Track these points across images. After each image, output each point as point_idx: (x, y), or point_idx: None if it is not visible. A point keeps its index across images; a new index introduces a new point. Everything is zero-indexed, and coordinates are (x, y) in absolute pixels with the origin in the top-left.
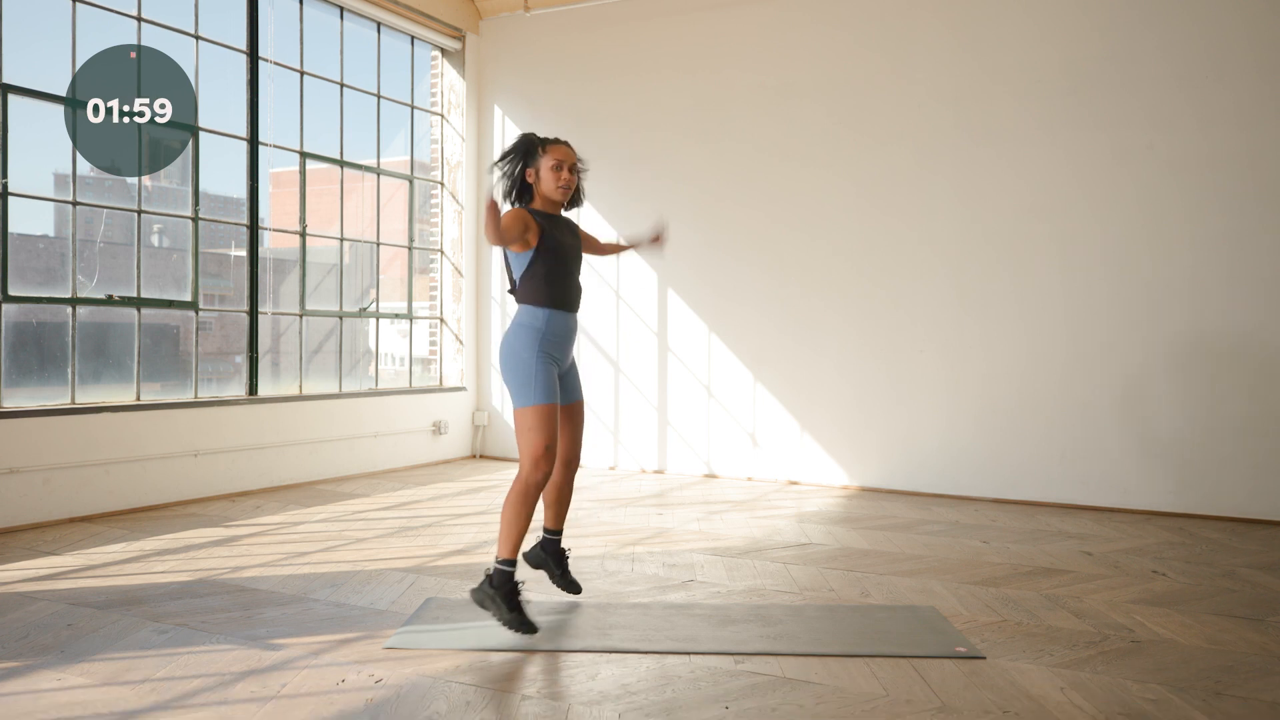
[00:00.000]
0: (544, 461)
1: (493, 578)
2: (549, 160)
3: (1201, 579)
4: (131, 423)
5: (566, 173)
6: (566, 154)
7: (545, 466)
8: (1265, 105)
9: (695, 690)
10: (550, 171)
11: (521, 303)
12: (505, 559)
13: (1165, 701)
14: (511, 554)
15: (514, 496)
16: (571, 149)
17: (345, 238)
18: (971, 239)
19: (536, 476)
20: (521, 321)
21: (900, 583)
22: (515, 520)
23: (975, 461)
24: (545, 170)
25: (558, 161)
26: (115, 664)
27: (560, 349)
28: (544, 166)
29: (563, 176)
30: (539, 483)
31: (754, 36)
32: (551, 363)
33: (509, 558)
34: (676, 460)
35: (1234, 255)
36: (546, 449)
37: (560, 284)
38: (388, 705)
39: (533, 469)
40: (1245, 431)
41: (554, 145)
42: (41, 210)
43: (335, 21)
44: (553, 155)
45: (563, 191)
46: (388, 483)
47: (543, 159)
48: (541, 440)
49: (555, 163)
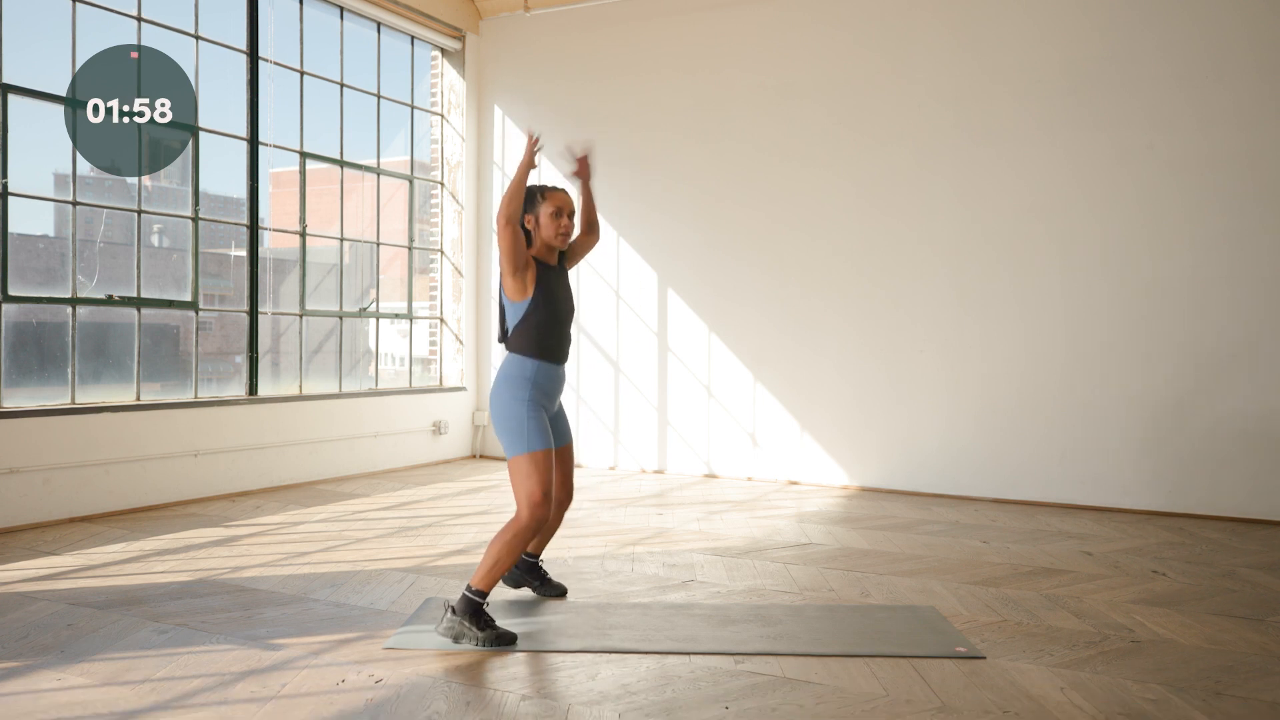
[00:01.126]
0: (541, 506)
1: (455, 606)
2: (548, 207)
3: (1201, 579)
4: (131, 423)
5: (565, 219)
6: (565, 201)
7: (542, 511)
8: (1265, 105)
9: (695, 690)
10: (549, 219)
11: (511, 352)
12: (479, 590)
13: (1165, 701)
14: (487, 587)
15: (508, 536)
16: (569, 196)
17: (345, 238)
18: (971, 239)
19: (532, 521)
20: (510, 373)
21: (900, 583)
22: (503, 559)
23: (975, 461)
24: (544, 217)
25: (556, 208)
26: (115, 664)
27: (548, 397)
28: (543, 214)
29: (562, 223)
30: (534, 527)
31: (754, 36)
32: (541, 410)
33: (483, 590)
34: (676, 460)
35: (1234, 255)
36: (544, 495)
37: (552, 337)
38: (388, 705)
39: (530, 514)
40: (1245, 431)
41: (552, 192)
42: (41, 210)
43: (335, 21)
44: (551, 202)
45: (561, 239)
46: (388, 483)
47: (542, 206)
48: (539, 487)
49: (554, 209)
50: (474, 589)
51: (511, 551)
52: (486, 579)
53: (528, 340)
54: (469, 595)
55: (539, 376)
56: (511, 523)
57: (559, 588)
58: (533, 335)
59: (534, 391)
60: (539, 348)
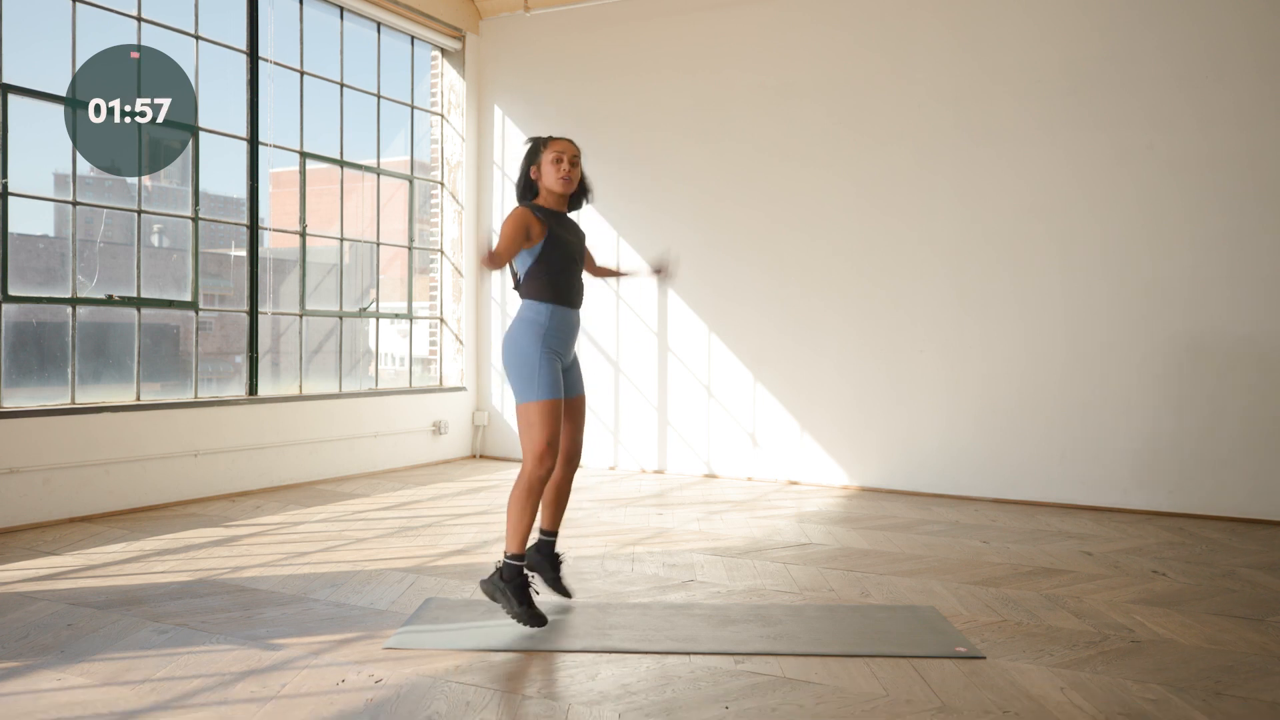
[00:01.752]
0: (547, 457)
1: (502, 571)
2: (549, 154)
3: (1201, 579)
4: (131, 423)
5: (567, 164)
6: (566, 146)
7: (548, 462)
8: (1265, 105)
9: (695, 690)
10: (551, 165)
11: (525, 298)
12: (513, 554)
13: (1165, 701)
14: (519, 549)
15: (518, 492)
16: (572, 143)
17: (345, 238)
18: (971, 239)
19: (540, 472)
20: (525, 316)
21: (900, 583)
22: (521, 515)
23: (975, 461)
24: (546, 164)
25: (557, 154)
26: (115, 664)
27: (563, 344)
28: (545, 161)
29: (563, 168)
30: (542, 478)
31: (754, 36)
32: (555, 357)
33: (517, 552)
34: (676, 460)
35: (1234, 255)
36: (549, 445)
37: (564, 280)
38: (388, 705)
39: (536, 464)
40: (1245, 431)
41: (554, 140)
42: (41, 210)
43: (335, 21)
44: (553, 149)
45: (564, 183)
46: (388, 483)
47: (544, 154)
48: (543, 436)
49: (555, 155)
50: (509, 555)
51: (525, 507)
52: (512, 541)
53: (540, 284)
54: (508, 560)
55: (554, 320)
56: (519, 478)
57: (566, 591)
58: (545, 280)
59: (549, 336)
60: (553, 292)
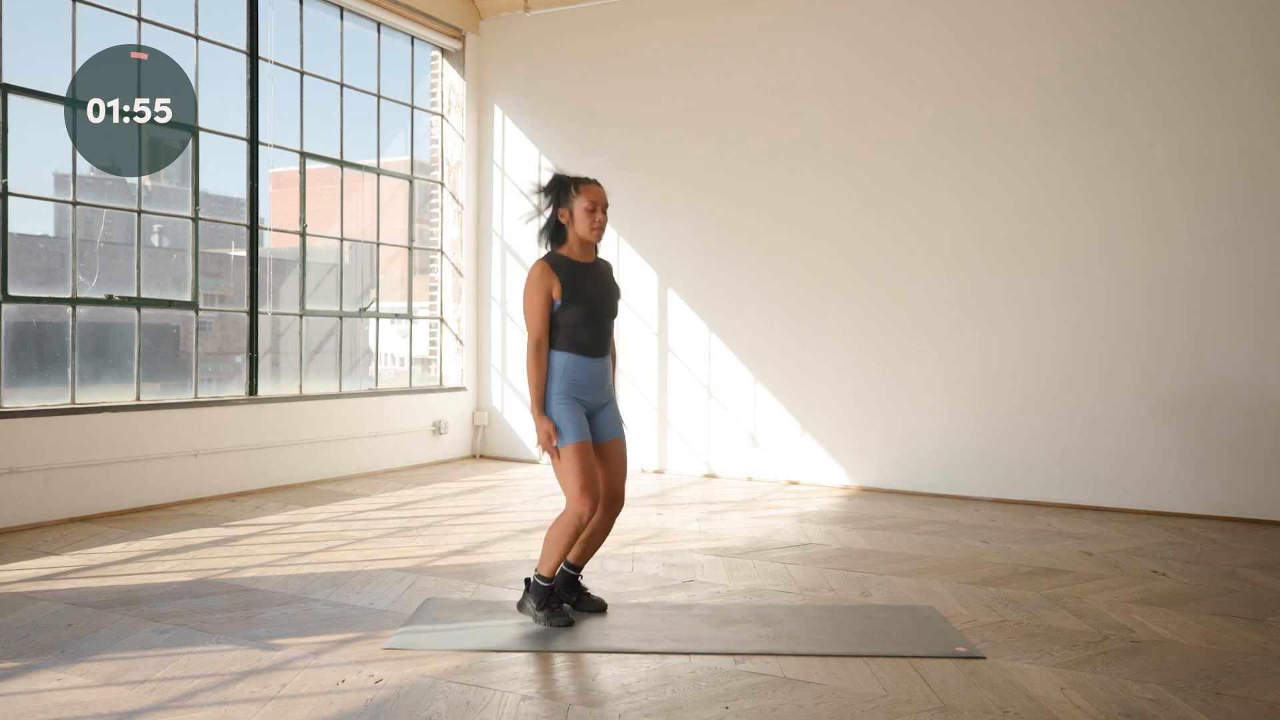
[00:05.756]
0: (586, 496)
1: (530, 585)
2: (583, 202)
3: (1201, 579)
4: (131, 423)
5: (600, 214)
6: (599, 195)
7: (589, 501)
8: (1265, 105)
9: (695, 690)
10: (584, 214)
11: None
12: (543, 575)
13: (1165, 701)
14: (550, 573)
15: (559, 526)
16: (603, 189)
17: (345, 238)
18: (971, 239)
19: (581, 509)
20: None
21: (900, 583)
22: (556, 545)
23: (975, 461)
24: (579, 212)
25: (591, 203)
26: (115, 664)
27: (585, 391)
28: (578, 208)
29: (597, 218)
30: (584, 515)
31: (754, 36)
32: (575, 404)
33: (547, 576)
34: (676, 460)
35: (1234, 255)
36: (583, 488)
37: (584, 333)
38: (388, 705)
39: (577, 504)
40: (1245, 431)
41: (586, 186)
42: (41, 210)
43: (335, 21)
44: (586, 197)
45: (597, 234)
46: (388, 483)
47: (576, 200)
48: (576, 481)
49: (589, 204)
50: (537, 574)
51: (563, 540)
52: (545, 564)
53: (558, 334)
54: (536, 580)
55: (569, 370)
56: (561, 515)
57: (598, 603)
58: (563, 330)
59: (566, 385)
60: (570, 342)
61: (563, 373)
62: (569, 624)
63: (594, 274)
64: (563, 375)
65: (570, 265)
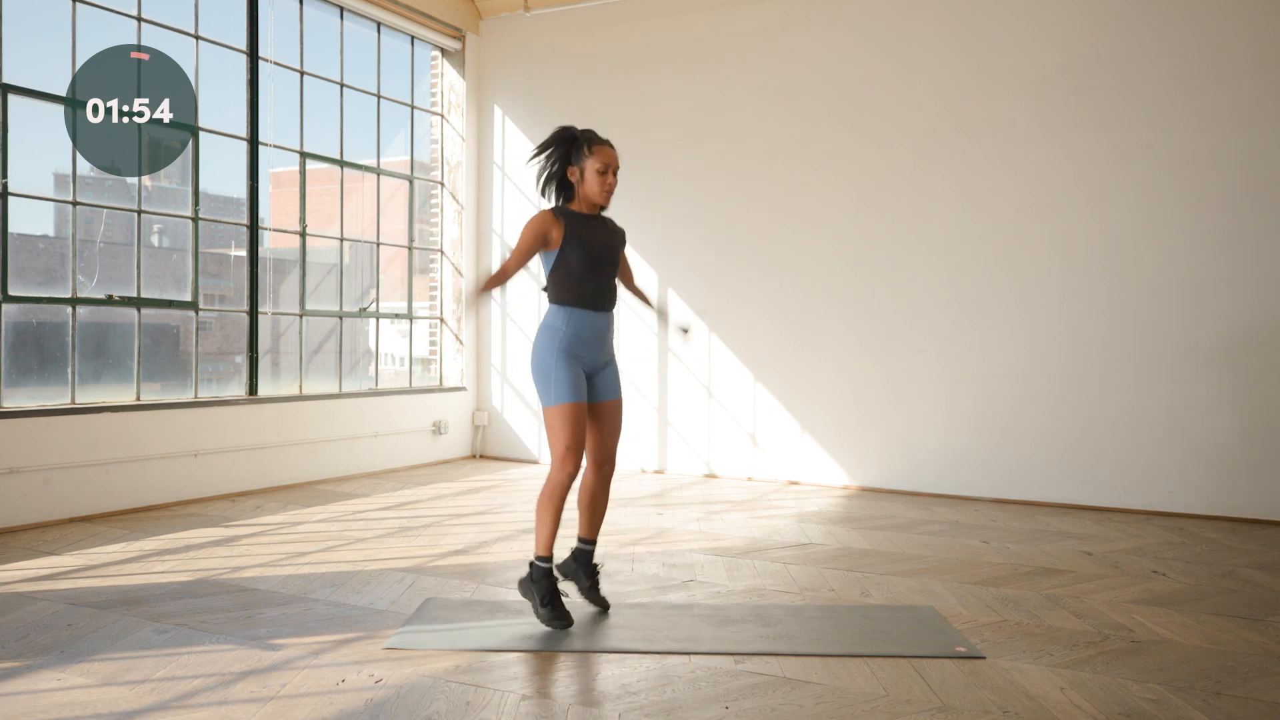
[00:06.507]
0: (568, 460)
1: (532, 571)
2: (595, 163)
3: (1201, 579)
4: (131, 423)
5: (611, 177)
6: (612, 157)
7: (570, 465)
8: (1265, 105)
9: (695, 690)
10: (596, 175)
11: (550, 302)
12: (539, 555)
13: (1165, 701)
14: (545, 550)
15: (543, 495)
16: (615, 151)
17: (345, 238)
18: (971, 239)
19: (561, 475)
20: (546, 322)
21: (900, 583)
22: (544, 518)
23: (975, 461)
24: (590, 173)
25: (604, 165)
26: (115, 664)
27: (587, 348)
28: (589, 168)
29: (608, 181)
30: (564, 481)
31: (754, 36)
32: (574, 361)
33: (544, 554)
34: (676, 460)
35: (1234, 255)
36: (569, 448)
37: (587, 283)
38: (388, 705)
39: (558, 467)
40: (1245, 431)
41: (600, 147)
42: (41, 210)
43: (335, 21)
44: (600, 158)
45: (606, 196)
46: (388, 483)
47: (588, 160)
48: (563, 439)
49: (602, 166)
50: (537, 556)
51: (548, 509)
52: (538, 542)
53: (562, 287)
54: (536, 562)
55: (574, 324)
56: (545, 482)
57: (602, 601)
58: (566, 282)
59: (568, 341)
60: (573, 295)
61: (566, 326)
62: (567, 625)
63: (598, 224)
64: (566, 329)
65: (577, 215)
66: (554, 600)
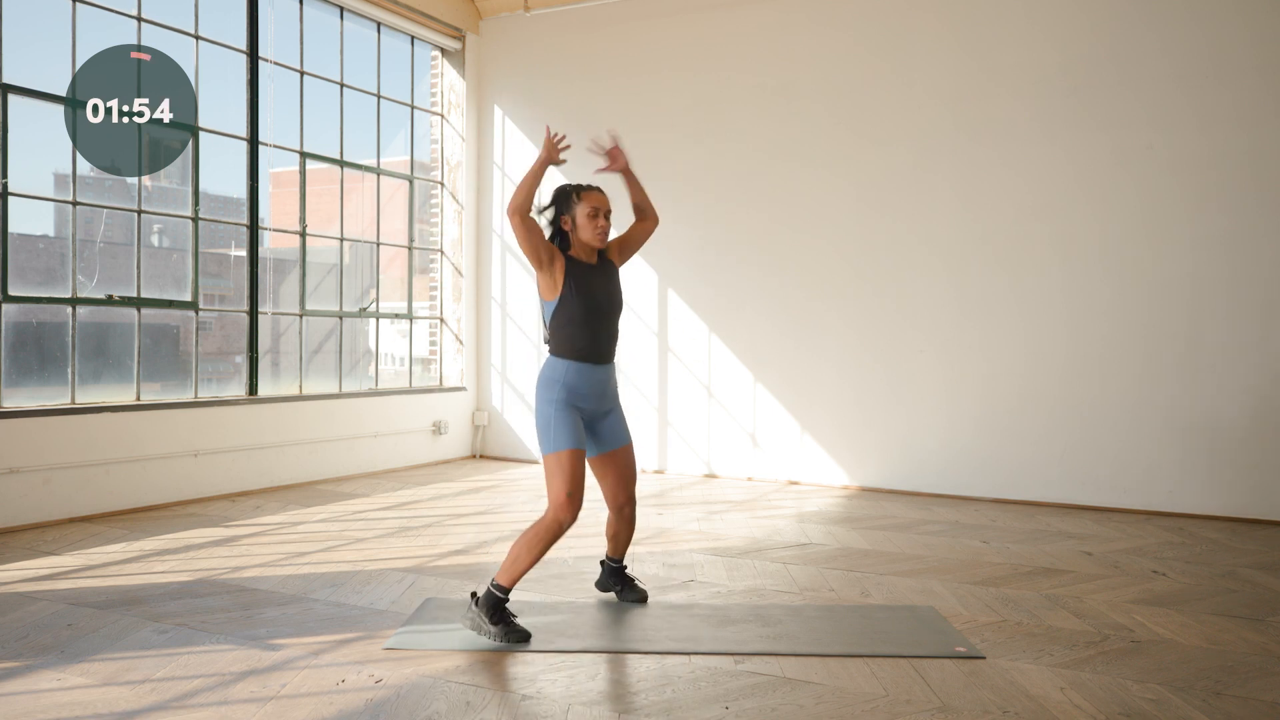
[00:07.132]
0: (566, 508)
1: (479, 599)
2: (584, 208)
3: (1201, 579)
4: (131, 423)
5: (603, 219)
6: (601, 200)
7: (568, 513)
8: (1265, 105)
9: (695, 690)
10: (586, 219)
11: (550, 354)
12: (500, 585)
13: (1165, 701)
14: (508, 584)
15: (535, 531)
16: (605, 196)
17: (345, 238)
18: (971, 239)
19: (556, 522)
20: (543, 374)
21: (900, 583)
22: (528, 554)
23: (975, 461)
24: (582, 218)
25: (594, 209)
26: (115, 664)
27: (587, 399)
28: (580, 214)
29: (599, 223)
30: (558, 529)
31: (754, 36)
32: (573, 411)
33: (504, 585)
34: (676, 460)
35: (1234, 255)
36: (568, 496)
37: (585, 336)
38: (388, 705)
39: (555, 513)
40: (1245, 431)
41: (588, 192)
42: (41, 210)
43: (335, 21)
44: (589, 202)
45: (600, 238)
46: (388, 483)
47: (578, 206)
48: (563, 487)
49: (591, 210)
50: (496, 584)
51: (535, 549)
52: (506, 575)
53: (559, 340)
54: (491, 589)
55: (570, 377)
56: (538, 521)
57: (641, 592)
58: (564, 334)
59: (564, 392)
60: (571, 348)
61: (563, 380)
62: (527, 638)
63: (599, 273)
64: (563, 383)
65: (575, 261)
66: (504, 617)
